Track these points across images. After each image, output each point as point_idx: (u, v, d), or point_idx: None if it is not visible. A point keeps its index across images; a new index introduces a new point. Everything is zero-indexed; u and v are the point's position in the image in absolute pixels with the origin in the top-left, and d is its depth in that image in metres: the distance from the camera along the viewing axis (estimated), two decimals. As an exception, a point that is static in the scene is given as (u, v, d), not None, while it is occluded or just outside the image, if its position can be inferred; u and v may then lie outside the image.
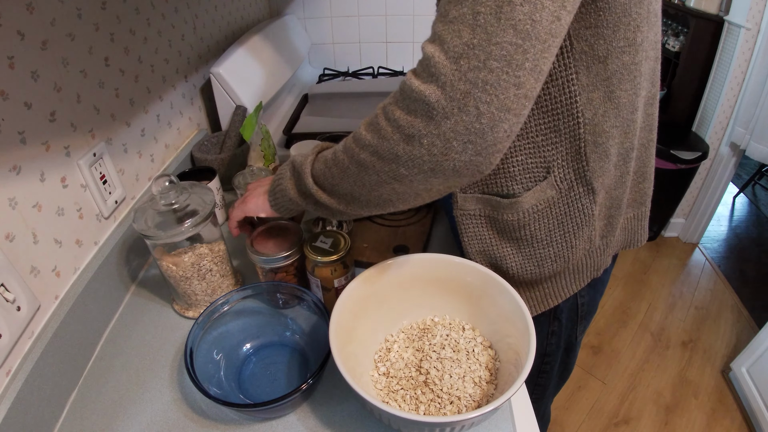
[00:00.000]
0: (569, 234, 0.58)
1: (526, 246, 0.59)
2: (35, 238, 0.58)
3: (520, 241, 0.58)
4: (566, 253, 0.59)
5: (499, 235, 0.59)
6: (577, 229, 0.57)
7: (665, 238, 2.37)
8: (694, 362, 1.74)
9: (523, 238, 0.58)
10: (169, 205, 0.61)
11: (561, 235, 0.58)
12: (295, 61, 1.37)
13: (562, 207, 0.56)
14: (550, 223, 0.57)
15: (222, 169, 0.95)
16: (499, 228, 0.58)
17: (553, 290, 0.66)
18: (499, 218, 0.57)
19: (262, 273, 0.67)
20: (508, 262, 0.60)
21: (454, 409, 0.54)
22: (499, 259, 0.60)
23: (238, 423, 0.56)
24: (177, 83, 0.96)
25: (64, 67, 0.62)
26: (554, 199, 0.55)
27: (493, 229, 0.58)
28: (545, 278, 0.63)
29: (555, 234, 0.58)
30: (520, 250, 0.59)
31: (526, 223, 0.56)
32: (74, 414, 0.58)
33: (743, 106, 1.88)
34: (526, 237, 0.58)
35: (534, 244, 0.58)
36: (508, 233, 0.58)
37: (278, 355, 0.64)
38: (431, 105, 0.35)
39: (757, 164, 2.71)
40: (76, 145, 0.65)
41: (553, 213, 0.56)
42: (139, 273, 0.79)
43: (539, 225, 0.57)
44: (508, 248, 0.59)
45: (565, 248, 0.59)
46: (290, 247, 0.64)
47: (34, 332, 0.57)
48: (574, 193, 0.55)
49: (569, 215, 0.56)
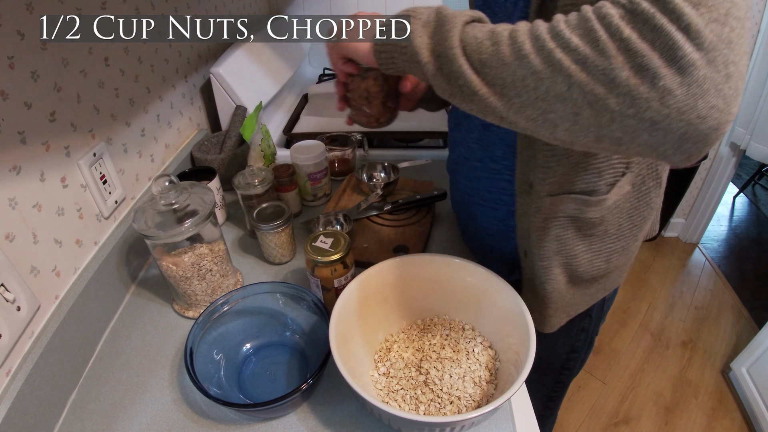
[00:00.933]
0: (636, 227, 0.58)
1: (598, 242, 0.58)
2: (35, 238, 0.58)
3: (593, 238, 0.57)
4: (631, 245, 0.60)
5: (575, 234, 0.56)
6: (642, 222, 0.58)
7: (665, 238, 2.37)
8: (694, 362, 1.74)
9: (596, 235, 0.57)
10: (169, 205, 0.61)
11: (629, 229, 0.58)
12: (295, 61, 1.37)
13: (633, 201, 0.56)
14: (622, 218, 0.56)
15: (222, 169, 0.95)
16: (578, 226, 0.55)
17: (605, 285, 0.65)
18: (581, 217, 0.54)
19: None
20: (579, 260, 0.58)
21: (454, 409, 0.54)
22: (572, 257, 0.58)
23: (238, 423, 0.56)
24: (177, 83, 0.96)
25: (64, 67, 0.62)
26: (629, 194, 0.55)
27: (571, 229, 0.56)
28: (607, 273, 0.63)
29: (624, 228, 0.58)
30: (590, 247, 0.58)
31: (604, 220, 0.55)
32: (74, 414, 0.58)
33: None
34: (599, 233, 0.57)
35: (605, 240, 0.58)
36: (584, 231, 0.56)
37: (278, 355, 0.64)
38: (682, 49, 0.28)
39: (757, 164, 2.71)
40: (76, 145, 0.65)
41: (625, 208, 0.56)
42: (139, 273, 0.79)
43: (613, 220, 0.56)
44: (581, 246, 0.57)
45: (631, 241, 0.60)
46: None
47: (34, 332, 0.57)
48: (645, 187, 0.55)
49: (638, 209, 0.57)
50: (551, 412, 0.96)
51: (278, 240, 0.76)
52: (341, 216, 0.83)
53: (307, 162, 0.89)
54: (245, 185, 0.78)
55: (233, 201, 0.96)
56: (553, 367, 0.81)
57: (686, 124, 0.29)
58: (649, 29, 0.30)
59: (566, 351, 0.77)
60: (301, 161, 0.89)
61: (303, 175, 0.91)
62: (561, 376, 0.83)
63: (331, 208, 0.90)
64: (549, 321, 0.65)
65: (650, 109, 0.30)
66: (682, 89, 0.29)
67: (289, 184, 0.86)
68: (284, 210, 0.76)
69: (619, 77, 0.30)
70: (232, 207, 0.94)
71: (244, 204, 0.81)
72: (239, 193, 0.80)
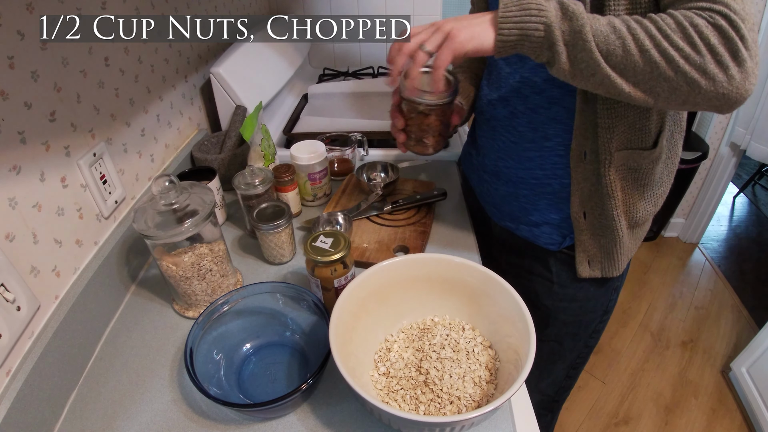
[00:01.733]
0: (671, 173, 0.72)
1: (648, 189, 0.70)
2: (35, 238, 0.58)
3: (645, 187, 0.69)
4: (667, 190, 0.74)
5: (633, 184, 0.68)
6: (673, 168, 0.72)
7: (665, 238, 2.37)
8: (694, 362, 1.74)
9: (647, 184, 0.69)
10: (169, 205, 0.61)
11: (667, 176, 0.72)
12: (295, 61, 1.37)
13: (667, 152, 0.69)
14: (661, 166, 0.69)
15: (222, 169, 0.95)
16: (634, 177, 0.67)
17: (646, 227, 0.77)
18: (637, 168, 0.66)
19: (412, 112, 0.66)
20: (638, 206, 0.70)
21: (454, 409, 0.54)
22: (632, 205, 0.69)
23: (238, 423, 0.56)
24: (177, 83, 0.96)
25: (64, 67, 0.62)
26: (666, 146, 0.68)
27: (629, 179, 0.67)
28: (650, 216, 0.75)
29: (664, 175, 0.71)
30: (644, 195, 0.70)
31: (652, 169, 0.67)
32: (74, 414, 0.58)
33: (743, 106, 1.88)
34: (649, 182, 0.69)
35: (653, 187, 0.70)
36: (639, 181, 0.68)
37: (278, 355, 0.64)
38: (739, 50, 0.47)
39: (757, 164, 2.71)
40: (76, 145, 0.65)
41: (663, 158, 0.69)
42: (139, 273, 0.79)
43: (658, 169, 0.68)
44: (636, 195, 0.69)
45: (668, 186, 0.73)
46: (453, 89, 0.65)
47: (34, 332, 0.57)
48: (674, 139, 0.69)
49: (671, 158, 0.70)
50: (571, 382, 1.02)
51: (278, 240, 0.76)
52: (341, 216, 0.83)
53: (307, 162, 0.89)
54: (245, 185, 0.78)
55: (233, 201, 0.96)
56: (588, 329, 0.88)
57: (737, 94, 0.49)
58: (724, 37, 0.47)
59: (602, 312, 0.85)
60: (301, 161, 0.89)
61: (303, 175, 0.91)
62: (590, 339, 0.90)
63: (331, 208, 0.90)
64: (618, 265, 0.75)
65: (723, 87, 0.48)
66: (740, 75, 0.48)
67: (289, 184, 0.86)
68: (284, 210, 0.76)
69: (708, 68, 0.48)
70: (232, 207, 0.95)
71: (244, 204, 0.81)
72: (239, 193, 0.80)
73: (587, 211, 0.70)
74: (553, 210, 0.74)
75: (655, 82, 0.50)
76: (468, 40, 0.54)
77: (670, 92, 0.51)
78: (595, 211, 0.69)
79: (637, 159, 0.66)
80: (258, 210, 0.76)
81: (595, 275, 0.75)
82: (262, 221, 0.74)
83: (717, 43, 0.47)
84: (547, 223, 0.76)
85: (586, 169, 0.67)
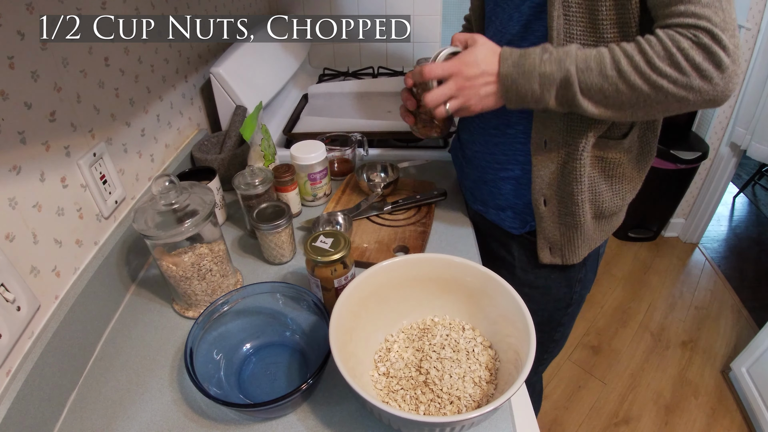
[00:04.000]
0: (641, 171, 0.74)
1: (617, 182, 0.72)
2: (35, 238, 0.58)
3: (613, 178, 0.71)
4: (637, 186, 0.75)
5: (601, 174, 0.70)
6: (645, 167, 0.73)
7: (665, 238, 2.37)
8: (694, 362, 1.74)
9: (615, 176, 0.71)
10: (169, 205, 0.61)
11: (638, 173, 0.73)
12: (295, 61, 1.37)
13: (639, 148, 0.71)
14: (632, 160, 0.71)
15: (222, 169, 0.95)
16: (602, 166, 0.70)
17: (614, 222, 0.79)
18: (605, 157, 0.69)
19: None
20: (603, 197, 0.72)
21: (454, 409, 0.54)
22: (598, 194, 0.72)
23: (238, 423, 0.56)
24: (177, 83, 0.96)
25: (64, 67, 0.62)
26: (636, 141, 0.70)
27: (597, 168, 0.70)
28: (618, 211, 0.76)
29: (635, 172, 0.73)
30: (611, 186, 0.72)
31: (621, 161, 0.70)
32: (74, 414, 0.58)
33: (743, 106, 1.88)
34: (617, 174, 0.71)
35: (621, 180, 0.72)
36: (607, 172, 0.70)
37: (278, 355, 0.64)
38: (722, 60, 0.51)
39: (757, 164, 2.71)
40: (76, 145, 0.65)
41: (635, 153, 0.71)
42: (139, 273, 0.79)
43: (627, 164, 0.71)
44: (605, 185, 0.71)
45: (638, 182, 0.75)
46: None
47: (34, 332, 0.57)
48: (646, 138, 0.71)
49: (642, 156, 0.72)
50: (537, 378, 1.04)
51: (278, 240, 0.76)
52: (341, 216, 0.83)
53: (307, 162, 0.89)
54: (245, 185, 0.78)
55: (233, 201, 0.96)
56: (552, 321, 0.89)
57: (723, 96, 0.53)
58: (707, 53, 0.51)
59: (564, 304, 0.87)
60: (301, 161, 0.89)
61: (303, 175, 0.91)
62: (555, 332, 0.92)
63: (331, 208, 0.90)
64: (578, 252, 0.77)
65: (708, 94, 0.53)
66: (723, 80, 0.52)
67: (289, 184, 0.86)
68: (284, 210, 0.76)
69: (694, 84, 0.52)
70: (232, 207, 0.94)
71: (244, 204, 0.81)
72: (239, 193, 0.80)
73: (547, 198, 0.72)
74: (516, 195, 0.77)
75: (647, 108, 0.56)
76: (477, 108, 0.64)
77: (659, 111, 0.57)
78: (556, 198, 0.72)
79: (604, 147, 0.68)
80: (258, 210, 0.76)
81: (555, 262, 0.78)
82: (262, 221, 0.74)
83: (701, 60, 0.51)
84: (511, 208, 0.79)
85: (547, 158, 0.69)
